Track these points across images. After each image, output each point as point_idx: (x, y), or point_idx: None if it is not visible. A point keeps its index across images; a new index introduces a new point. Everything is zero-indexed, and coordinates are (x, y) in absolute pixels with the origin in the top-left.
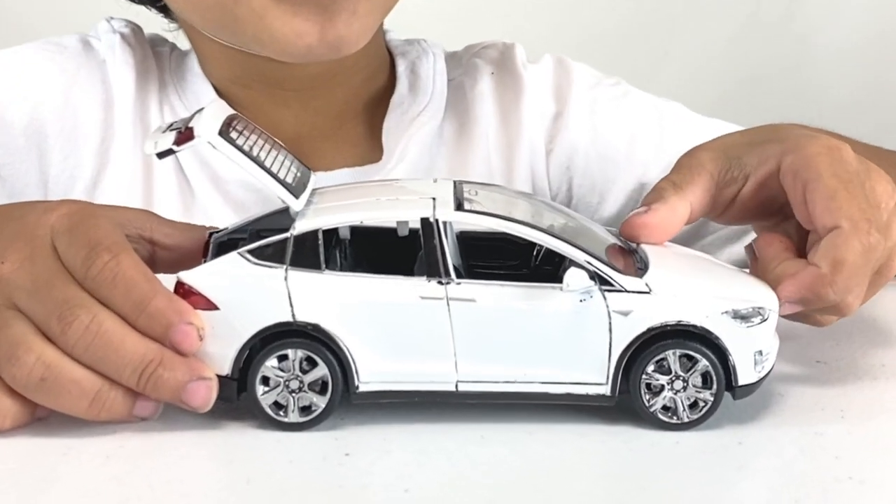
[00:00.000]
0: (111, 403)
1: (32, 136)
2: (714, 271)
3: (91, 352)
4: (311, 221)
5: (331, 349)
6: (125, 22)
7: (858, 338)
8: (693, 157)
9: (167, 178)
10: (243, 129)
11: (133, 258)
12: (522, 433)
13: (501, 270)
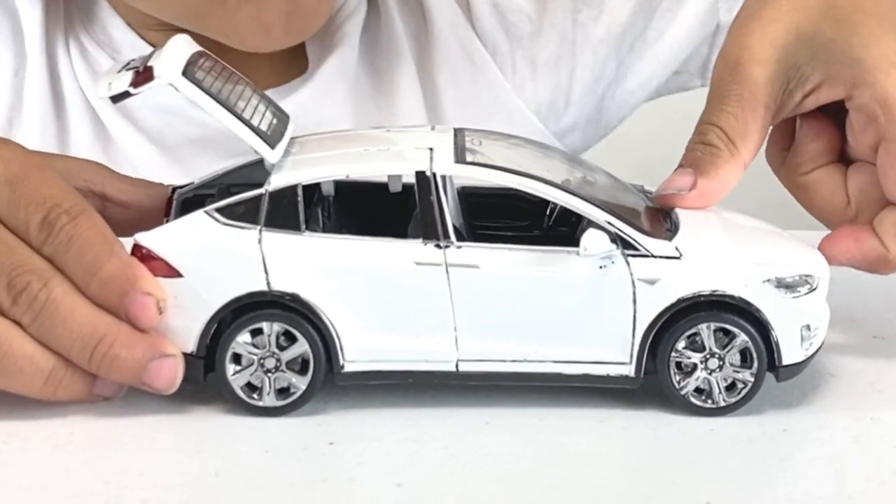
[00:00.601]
0: (68, 381)
1: None
2: (755, 234)
3: (38, 323)
4: (289, 175)
5: (312, 322)
6: None
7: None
8: (745, 79)
9: (80, 119)
10: (211, 69)
11: (94, 219)
12: (532, 419)
13: (509, 232)
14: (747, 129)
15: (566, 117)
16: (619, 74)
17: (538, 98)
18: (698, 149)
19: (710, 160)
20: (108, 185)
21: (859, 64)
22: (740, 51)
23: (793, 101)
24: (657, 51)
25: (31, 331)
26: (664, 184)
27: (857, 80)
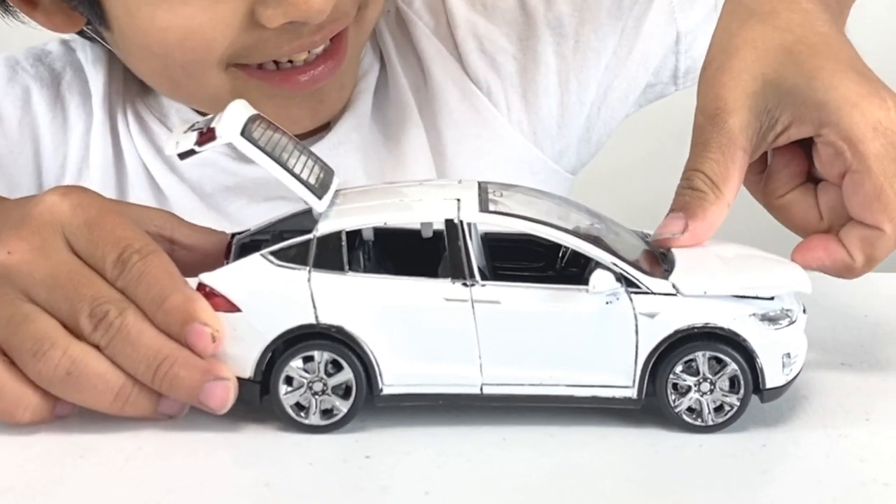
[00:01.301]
0: (135, 399)
1: (26, 127)
2: (742, 267)
3: (112, 346)
4: (334, 222)
5: (354, 351)
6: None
7: (884, 340)
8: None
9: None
10: (265, 130)
11: (162, 258)
12: (545, 436)
13: (526, 272)
14: (728, 173)
15: (559, 140)
16: (600, 94)
17: (532, 127)
18: (686, 193)
19: (699, 204)
20: (175, 230)
21: (824, 106)
22: (716, 102)
23: (766, 143)
24: (629, 66)
25: (106, 352)
26: (659, 229)
27: (822, 120)
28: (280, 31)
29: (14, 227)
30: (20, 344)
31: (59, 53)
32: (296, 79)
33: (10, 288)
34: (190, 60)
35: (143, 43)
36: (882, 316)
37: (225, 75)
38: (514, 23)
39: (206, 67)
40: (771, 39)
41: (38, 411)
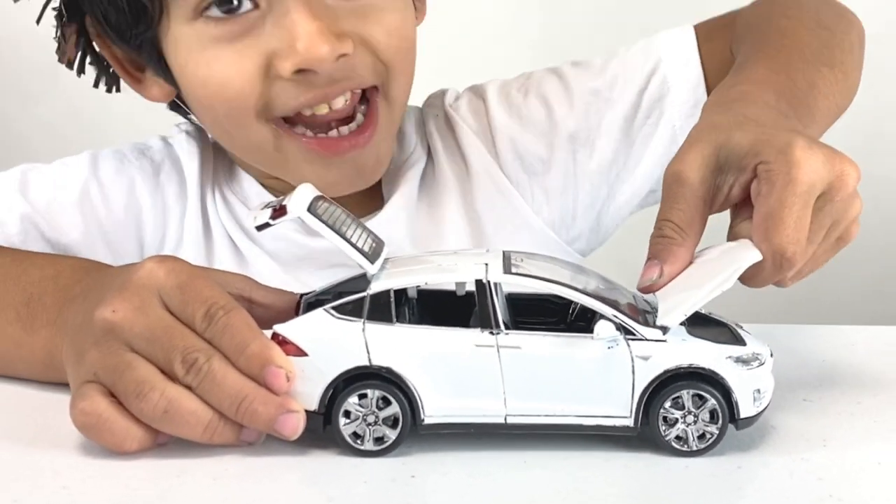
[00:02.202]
0: (221, 430)
1: (131, 211)
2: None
3: (201, 387)
4: (384, 283)
5: (401, 389)
6: (187, 123)
7: (838, 381)
8: (685, 182)
9: (222, 247)
10: (328, 207)
11: (242, 314)
12: (558, 459)
13: (543, 324)
14: (692, 219)
15: (574, 229)
16: (610, 195)
17: (552, 216)
18: (658, 242)
19: (669, 249)
20: (253, 291)
21: (758, 154)
22: (680, 164)
23: (722, 194)
24: (636, 176)
25: (196, 392)
26: (641, 278)
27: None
28: (297, 82)
29: (118, 290)
30: (125, 387)
31: (159, 148)
32: (333, 145)
33: (116, 340)
34: (229, 110)
35: (195, 96)
36: (836, 361)
37: (266, 128)
38: (543, 132)
39: (246, 118)
40: (727, 118)
41: (142, 442)
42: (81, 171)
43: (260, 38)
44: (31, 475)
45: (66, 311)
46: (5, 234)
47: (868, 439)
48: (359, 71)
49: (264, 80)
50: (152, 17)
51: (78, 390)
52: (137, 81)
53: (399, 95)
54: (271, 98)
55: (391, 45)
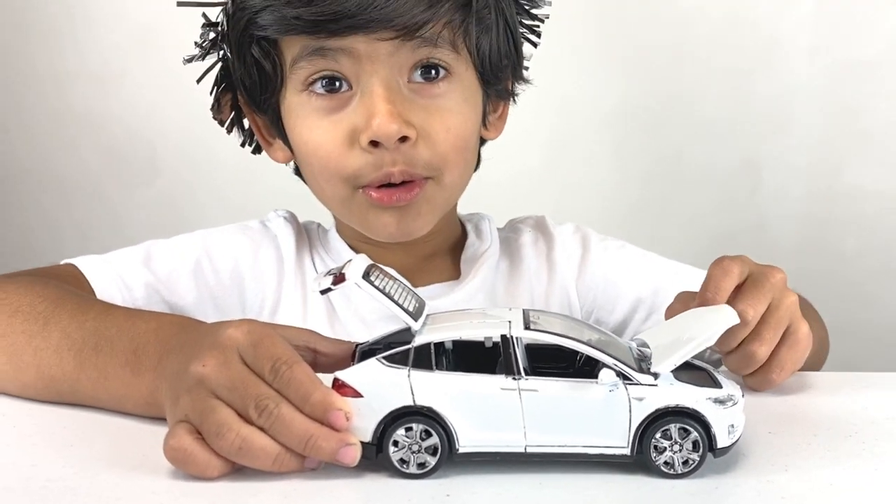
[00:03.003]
0: (287, 462)
1: (235, 279)
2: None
3: (273, 429)
4: (426, 337)
5: (440, 424)
6: (285, 210)
7: (799, 417)
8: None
9: (317, 306)
10: (379, 274)
11: (303, 366)
12: (568, 481)
13: (555, 370)
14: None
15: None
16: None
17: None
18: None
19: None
20: (317, 344)
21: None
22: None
23: None
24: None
25: (269, 433)
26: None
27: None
28: (370, 153)
29: (208, 348)
30: (208, 428)
31: (258, 228)
32: (385, 196)
33: (204, 389)
34: (321, 169)
35: (299, 153)
36: (797, 400)
37: (345, 188)
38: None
39: (334, 178)
40: None
41: (221, 470)
42: (195, 246)
43: (349, 114)
44: (131, 494)
45: (166, 360)
46: (132, 298)
47: (822, 465)
48: (416, 161)
49: (349, 147)
50: (275, 86)
51: (170, 430)
52: (269, 145)
53: (450, 184)
54: (355, 169)
55: (447, 141)
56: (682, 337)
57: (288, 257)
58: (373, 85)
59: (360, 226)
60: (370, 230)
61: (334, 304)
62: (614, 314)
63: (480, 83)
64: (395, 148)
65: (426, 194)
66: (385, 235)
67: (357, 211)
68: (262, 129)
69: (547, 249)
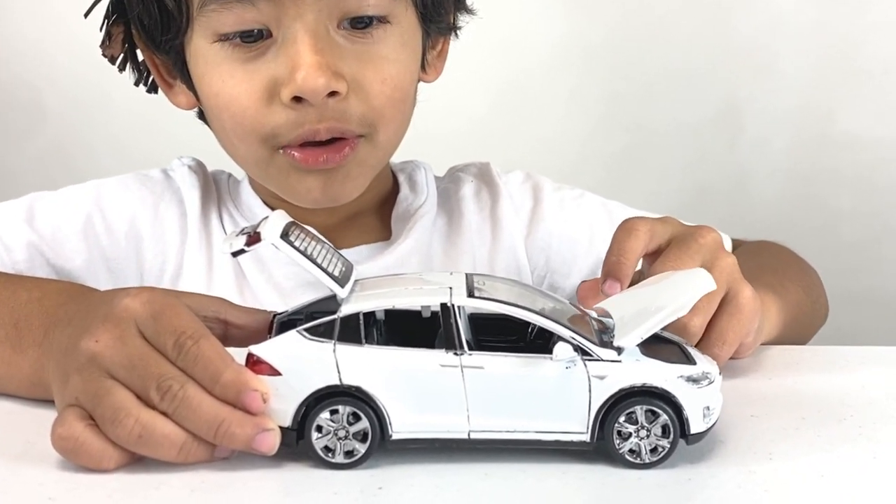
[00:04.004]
0: (195, 451)
1: (132, 240)
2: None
3: (178, 414)
4: (354, 306)
5: (371, 406)
6: (190, 158)
7: (783, 398)
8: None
9: (224, 268)
10: (299, 233)
11: (211, 341)
12: (518, 471)
13: (503, 343)
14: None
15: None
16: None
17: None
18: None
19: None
20: (228, 313)
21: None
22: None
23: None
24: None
25: (173, 418)
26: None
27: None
28: (293, 110)
29: (101, 321)
30: (103, 413)
31: (160, 179)
32: (310, 157)
33: (97, 369)
34: (234, 125)
35: (208, 105)
36: (781, 379)
37: (263, 149)
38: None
39: (249, 136)
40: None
41: (119, 461)
42: (86, 200)
43: (269, 64)
44: (17, 487)
45: (52, 334)
46: (13, 261)
47: (811, 452)
48: (347, 117)
49: (268, 102)
50: (179, 27)
51: (59, 415)
52: (169, 87)
53: (385, 142)
54: (274, 127)
55: (383, 93)
56: (650, 306)
57: (192, 213)
58: (296, 31)
59: (279, 189)
60: (291, 195)
61: (244, 268)
62: (571, 278)
63: (420, 22)
64: (322, 104)
65: (358, 155)
66: (309, 201)
67: (276, 174)
68: (161, 69)
69: (491, 202)
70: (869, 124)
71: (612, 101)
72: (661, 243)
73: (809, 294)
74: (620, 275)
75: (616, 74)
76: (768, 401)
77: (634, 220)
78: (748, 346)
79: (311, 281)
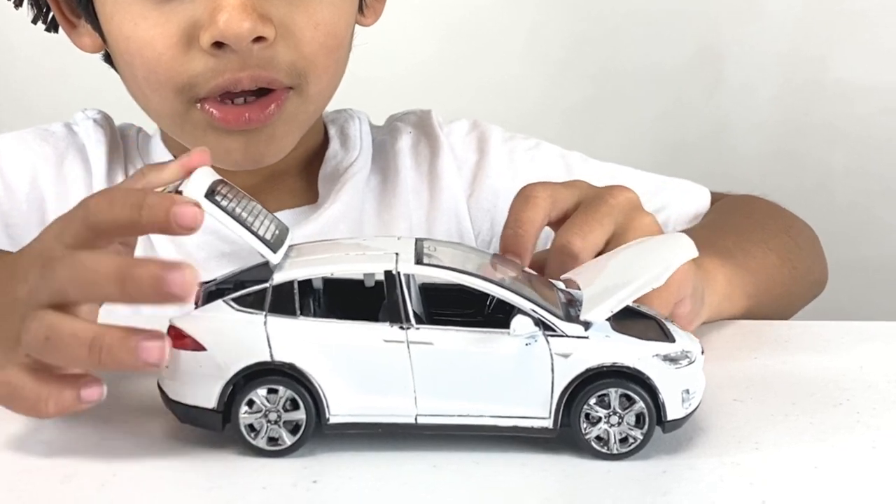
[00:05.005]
0: (109, 346)
1: (34, 202)
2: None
3: (78, 284)
4: (287, 273)
5: (305, 386)
6: (96, 111)
7: (771, 379)
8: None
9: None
10: (227, 192)
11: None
12: (471, 462)
13: (459, 318)
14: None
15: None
16: None
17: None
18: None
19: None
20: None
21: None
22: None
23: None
24: None
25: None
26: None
27: None
28: (214, 57)
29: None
30: (10, 328)
31: (63, 135)
32: (231, 116)
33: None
34: (147, 73)
35: (118, 50)
36: (769, 358)
37: (178, 101)
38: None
39: (163, 87)
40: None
41: (59, 402)
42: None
43: (186, 5)
44: None
45: None
46: None
47: (802, 441)
48: (275, 65)
49: (185, 48)
50: None
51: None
52: (72, 27)
53: (317, 94)
54: (192, 76)
55: (315, 40)
56: (623, 276)
57: (98, 171)
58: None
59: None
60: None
61: (151, 235)
62: None
63: None
64: (246, 50)
65: (285, 113)
66: (229, 163)
67: (192, 131)
68: (63, 6)
69: (430, 157)
70: (865, 72)
71: (575, 44)
72: (566, 209)
73: (787, 258)
74: (519, 248)
75: (580, 13)
76: (754, 383)
77: (533, 186)
78: (684, 318)
79: (226, 252)
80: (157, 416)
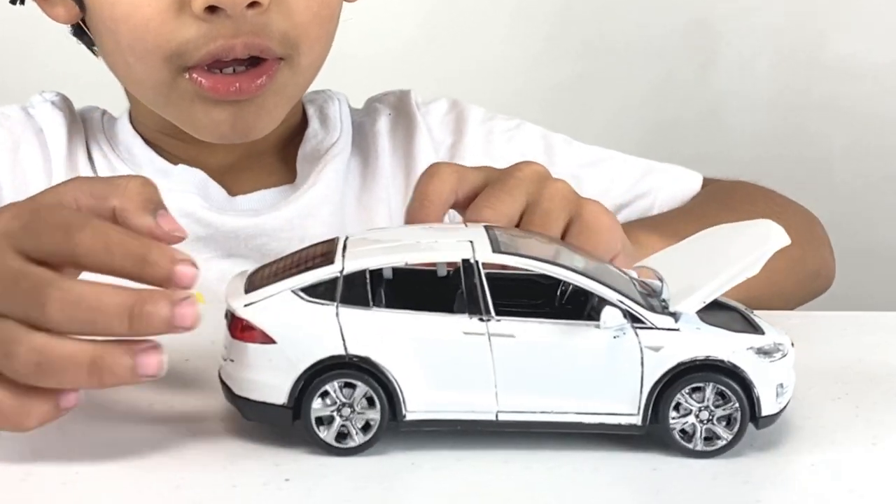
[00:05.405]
0: (110, 365)
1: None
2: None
3: (78, 321)
4: (358, 262)
5: (380, 381)
6: (54, 93)
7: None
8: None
9: None
10: None
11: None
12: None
13: (526, 309)
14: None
15: None
16: None
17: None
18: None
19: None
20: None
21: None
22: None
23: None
24: None
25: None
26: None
27: None
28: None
29: None
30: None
31: (19, 118)
32: (220, 85)
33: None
34: (133, 41)
35: (101, 17)
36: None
37: (165, 69)
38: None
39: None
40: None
41: (39, 414)
42: None
43: None
44: None
45: None
46: None
47: (800, 438)
48: (268, 32)
49: (176, 13)
50: None
51: None
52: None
53: (307, 66)
54: (182, 43)
55: (310, 9)
56: (710, 265)
57: (58, 156)
58: None
59: (180, 121)
60: (195, 128)
61: None
62: None
63: None
64: (239, 15)
65: (276, 84)
66: (215, 136)
67: (178, 102)
68: None
69: (406, 138)
70: (866, 48)
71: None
72: (474, 187)
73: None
74: (425, 222)
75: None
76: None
77: (437, 164)
78: None
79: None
80: (122, 412)
